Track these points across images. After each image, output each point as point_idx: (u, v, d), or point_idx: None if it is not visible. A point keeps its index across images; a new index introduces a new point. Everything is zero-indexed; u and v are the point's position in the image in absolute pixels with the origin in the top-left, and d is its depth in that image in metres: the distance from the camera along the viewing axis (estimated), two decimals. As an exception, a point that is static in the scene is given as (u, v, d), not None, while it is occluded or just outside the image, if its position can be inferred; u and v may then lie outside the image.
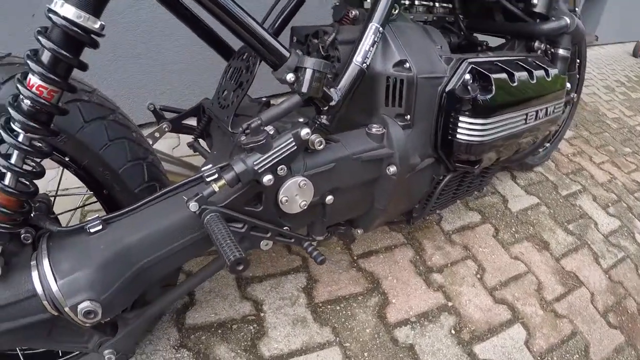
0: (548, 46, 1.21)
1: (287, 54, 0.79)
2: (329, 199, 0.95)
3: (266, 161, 0.77)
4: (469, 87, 0.96)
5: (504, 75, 1.00)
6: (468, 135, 1.00)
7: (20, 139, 0.66)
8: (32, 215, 0.75)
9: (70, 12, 0.62)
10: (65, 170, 0.86)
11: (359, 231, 1.14)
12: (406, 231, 1.47)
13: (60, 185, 0.96)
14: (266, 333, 1.18)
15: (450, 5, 1.24)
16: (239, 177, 0.76)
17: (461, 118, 0.99)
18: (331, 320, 1.21)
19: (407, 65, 0.93)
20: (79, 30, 0.64)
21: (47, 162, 0.74)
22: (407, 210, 1.19)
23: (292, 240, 0.91)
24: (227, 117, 0.97)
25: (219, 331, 1.18)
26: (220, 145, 1.10)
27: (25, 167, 0.68)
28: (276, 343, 1.16)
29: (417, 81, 0.94)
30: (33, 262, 0.73)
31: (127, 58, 1.72)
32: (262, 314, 1.22)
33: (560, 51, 1.21)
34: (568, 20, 1.15)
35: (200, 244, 0.84)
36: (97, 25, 0.65)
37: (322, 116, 0.87)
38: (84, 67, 0.69)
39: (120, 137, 0.84)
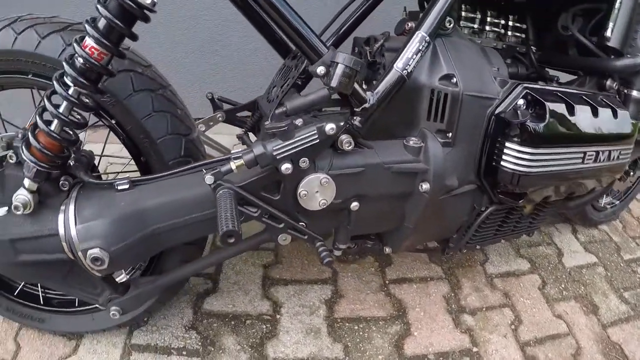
0: (621, 86, 1.09)
1: (324, 50, 0.79)
2: (355, 205, 0.91)
3: (286, 148, 0.77)
4: (519, 112, 0.88)
5: (561, 106, 0.91)
6: (514, 164, 0.91)
7: (70, 91, 0.73)
8: (71, 164, 0.82)
9: (125, -17, 0.68)
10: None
11: (387, 249, 1.08)
12: (447, 266, 1.37)
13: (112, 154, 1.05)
14: (277, 335, 1.16)
15: (523, 35, 1.17)
16: (256, 160, 0.77)
17: (508, 144, 0.91)
18: (345, 338, 1.16)
19: (454, 80, 0.88)
20: (132, 4, 0.70)
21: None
22: (442, 237, 1.11)
23: (306, 237, 0.89)
24: (270, 110, 0.99)
25: (232, 323, 1.18)
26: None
27: (70, 117, 0.75)
28: (284, 347, 1.13)
29: (463, 97, 0.89)
30: (62, 207, 0.80)
31: (203, 53, 1.83)
32: (278, 316, 1.21)
33: (634, 93, 1.07)
34: None
35: (213, 223, 0.85)
36: (148, 1, 0.71)
37: (355, 117, 0.86)
38: (134, 37, 0.75)
39: (164, 110, 0.89)
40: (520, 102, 0.91)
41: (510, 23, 1.13)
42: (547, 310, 1.24)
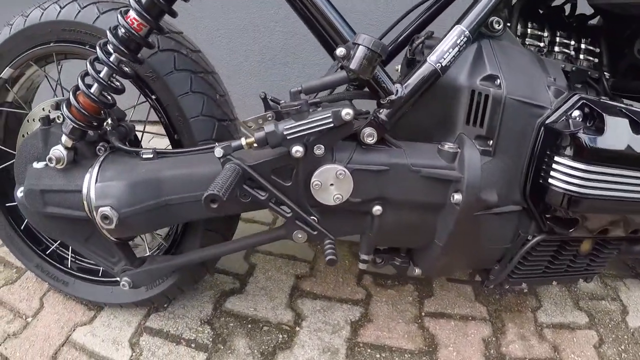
0: None
1: (350, 34, 0.76)
2: (377, 209, 0.84)
3: (297, 129, 0.73)
4: (571, 122, 0.76)
5: (624, 121, 0.77)
6: (564, 182, 0.78)
7: (111, 58, 0.78)
8: (108, 131, 0.87)
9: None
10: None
11: (416, 270, 0.97)
12: (493, 307, 1.19)
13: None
14: (291, 347, 1.08)
15: (596, 60, 1.03)
16: (266, 138, 0.74)
17: (558, 159, 0.78)
18: (363, 364, 1.04)
19: (498, 81, 0.79)
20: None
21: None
22: (481, 265, 0.97)
23: (315, 232, 0.83)
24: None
25: (249, 326, 1.13)
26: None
27: (109, 82, 0.80)
28: (295, 361, 1.04)
29: (506, 100, 0.78)
30: (91, 168, 0.84)
31: (274, 64, 1.88)
32: (297, 328, 1.13)
33: None
34: None
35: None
36: (186, -19, 0.74)
37: (381, 110, 0.80)
38: (173, 14, 0.79)
39: (201, 92, 0.92)
40: (576, 113, 0.79)
41: (583, 46, 1.00)
42: None
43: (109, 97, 0.83)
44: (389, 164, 0.81)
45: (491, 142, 0.81)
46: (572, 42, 0.99)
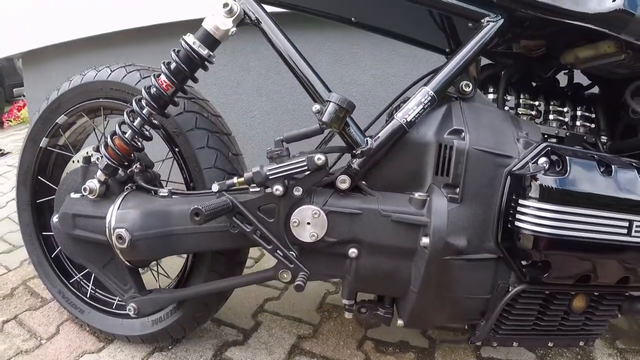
0: None
1: (326, 93, 0.91)
2: (352, 252, 0.91)
3: (277, 170, 0.87)
4: (530, 165, 0.82)
5: (592, 163, 0.81)
6: (532, 223, 0.81)
7: (144, 111, 0.99)
8: (135, 172, 1.06)
9: (190, 39, 0.96)
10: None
11: (399, 321, 0.99)
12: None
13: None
14: (280, 401, 1.09)
15: (593, 125, 1.09)
16: (253, 178, 0.88)
17: (522, 201, 0.83)
18: None
19: (462, 134, 0.88)
20: (195, 55, 0.96)
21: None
22: (463, 318, 0.96)
23: (292, 265, 0.91)
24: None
25: (244, 376, 1.16)
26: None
27: (141, 130, 1.00)
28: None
29: (469, 150, 0.86)
30: (116, 200, 1.02)
31: (306, 147, 2.06)
32: (291, 385, 1.14)
33: None
34: None
35: (220, 237, 0.96)
36: (204, 52, 0.96)
37: (354, 160, 0.91)
38: (195, 80, 1.01)
39: (215, 148, 1.10)
40: (542, 159, 0.85)
41: (579, 112, 1.08)
42: None
43: (139, 143, 1.03)
44: (361, 208, 0.90)
45: (457, 189, 0.88)
46: (567, 110, 1.07)
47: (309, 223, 0.90)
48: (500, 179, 0.88)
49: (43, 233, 1.33)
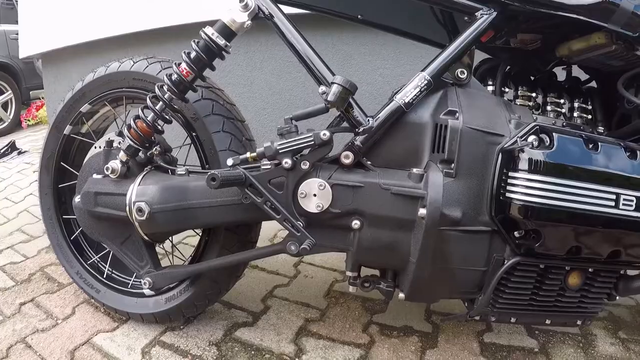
0: None
1: (330, 75, 1.02)
2: (355, 223, 1.01)
3: (286, 145, 0.97)
4: (518, 140, 0.90)
5: (578, 140, 0.90)
6: (523, 193, 0.90)
7: (165, 96, 1.10)
8: (155, 154, 1.17)
9: (209, 31, 1.08)
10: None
11: (400, 294, 1.07)
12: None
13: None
14: (287, 376, 1.16)
15: (590, 116, 1.17)
16: (264, 152, 0.98)
17: (514, 174, 0.91)
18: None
19: (457, 115, 0.98)
20: (212, 43, 1.08)
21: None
22: (460, 290, 1.04)
23: (299, 233, 1.00)
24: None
25: (252, 352, 1.25)
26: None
27: (162, 113, 1.12)
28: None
29: (463, 129, 0.96)
30: (136, 178, 1.13)
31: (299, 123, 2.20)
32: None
33: None
34: None
35: (232, 210, 1.06)
36: (222, 42, 1.08)
37: (357, 138, 1.01)
38: (212, 68, 1.13)
39: (230, 132, 1.21)
40: (531, 137, 0.94)
41: (576, 104, 1.17)
42: None
43: (160, 126, 1.14)
44: (363, 181, 1.00)
45: (452, 165, 0.98)
46: (564, 102, 1.16)
47: (315, 195, 0.99)
48: (493, 156, 0.97)
49: (63, 217, 1.45)
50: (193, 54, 1.10)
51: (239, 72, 2.21)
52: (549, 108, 1.16)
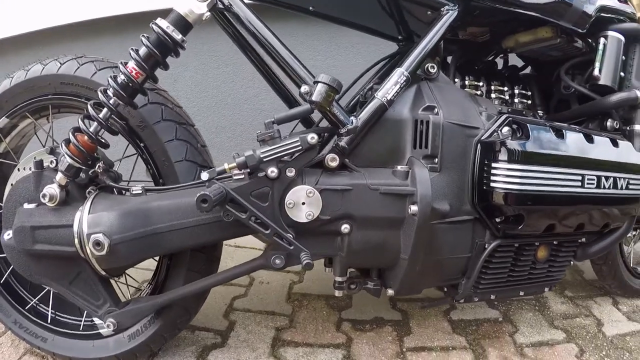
0: (623, 125, 1.09)
1: (310, 77, 0.94)
2: (345, 227, 0.94)
3: (271, 152, 0.87)
4: (504, 133, 0.93)
5: (547, 129, 0.95)
6: (505, 182, 0.92)
7: (111, 101, 0.91)
8: (99, 172, 0.98)
9: (163, 23, 0.91)
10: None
11: (389, 291, 1.04)
12: (472, 337, 1.24)
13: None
14: (276, 393, 1.07)
15: (529, 102, 1.25)
16: (246, 162, 0.87)
17: (495, 165, 0.93)
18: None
19: (436, 110, 0.97)
20: (165, 36, 0.91)
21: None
22: (447, 278, 1.05)
23: (291, 247, 0.91)
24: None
25: (230, 376, 1.13)
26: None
27: (107, 123, 0.92)
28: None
29: (444, 124, 0.95)
30: (81, 207, 0.92)
31: (244, 139, 2.07)
32: (282, 375, 1.14)
33: (636, 127, 1.07)
34: (638, 93, 1.04)
35: (209, 229, 0.92)
36: (178, 37, 0.92)
37: (341, 139, 0.95)
38: (166, 66, 0.96)
39: (184, 140, 1.05)
40: (505, 129, 0.96)
41: (516, 91, 1.23)
42: None
43: (104, 140, 0.95)
44: (351, 184, 0.94)
45: (436, 159, 0.96)
46: (506, 89, 1.21)
47: (304, 203, 0.91)
48: (471, 148, 0.98)
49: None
50: (143, 51, 0.92)
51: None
52: (493, 96, 1.21)
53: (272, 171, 0.87)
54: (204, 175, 0.87)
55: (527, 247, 1.05)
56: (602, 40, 1.08)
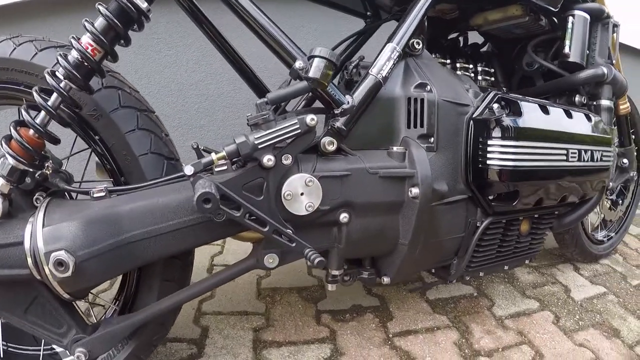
0: (589, 100, 1.14)
1: (300, 54, 0.83)
2: (344, 217, 0.86)
3: (267, 137, 0.75)
4: (495, 111, 0.90)
5: (533, 105, 0.94)
6: (500, 159, 0.90)
7: (62, 84, 0.73)
8: (48, 176, 0.78)
9: (126, -12, 0.74)
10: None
11: (384, 279, 0.98)
12: (452, 315, 1.23)
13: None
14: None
15: (493, 79, 1.25)
16: (238, 150, 0.74)
17: (491, 142, 0.91)
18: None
19: (429, 87, 0.91)
20: (130, 5, 0.74)
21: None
22: (441, 260, 1.02)
23: (293, 244, 0.81)
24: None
25: (216, 387, 1.00)
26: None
27: (58, 112, 0.74)
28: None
29: (439, 102, 0.91)
30: (32, 218, 0.73)
31: (190, 128, 1.88)
32: (272, 378, 1.03)
33: (602, 102, 1.13)
34: (605, 70, 1.10)
35: (193, 232, 0.78)
36: (144, 5, 0.76)
37: (336, 120, 0.85)
38: (128, 41, 0.79)
39: (147, 129, 0.88)
40: (495, 106, 0.94)
41: (479, 68, 1.21)
42: (567, 341, 1.11)
43: (53, 133, 0.76)
44: (349, 169, 0.85)
45: (432, 139, 0.91)
46: (471, 66, 1.19)
47: (302, 194, 0.81)
48: (462, 126, 0.95)
49: None
50: (101, 23, 0.74)
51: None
52: (459, 73, 1.19)
53: (269, 159, 0.76)
54: (188, 169, 0.73)
55: (514, 222, 1.05)
56: (570, 19, 1.11)
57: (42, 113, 0.73)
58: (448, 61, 1.17)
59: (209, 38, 1.04)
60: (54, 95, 0.72)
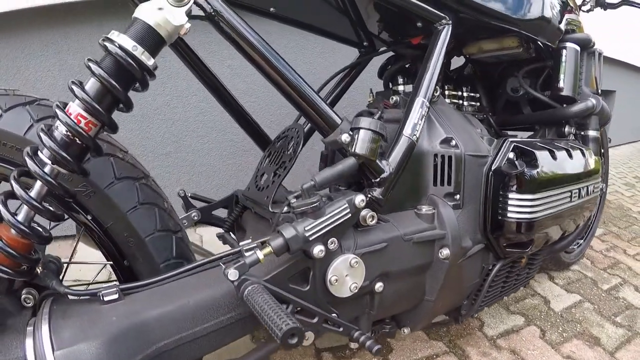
0: (578, 130, 1.18)
1: (339, 120, 0.72)
2: (379, 286, 0.78)
3: (319, 227, 0.64)
4: (516, 163, 0.87)
5: (545, 152, 0.93)
6: (518, 212, 0.88)
7: (46, 169, 0.54)
8: (39, 272, 0.58)
9: (126, 41, 0.55)
10: (83, 238, 0.71)
11: (405, 330, 0.93)
12: (447, 339, 1.24)
13: (75, 257, 0.79)
14: None
15: (478, 104, 1.22)
16: (287, 244, 0.62)
17: (510, 195, 0.88)
18: None
19: (454, 142, 0.85)
20: (132, 62, 0.56)
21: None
22: (455, 305, 1.00)
23: (341, 329, 0.72)
24: (267, 197, 0.84)
25: None
26: (254, 235, 0.95)
27: (44, 205, 0.55)
28: None
29: (465, 158, 0.85)
30: (30, 328, 0.56)
31: (156, 155, 1.65)
32: None
33: (590, 132, 1.17)
34: (594, 101, 1.13)
35: (235, 329, 0.66)
36: (150, 62, 0.58)
37: (373, 190, 0.76)
38: (129, 105, 0.60)
39: (151, 203, 0.71)
40: (511, 155, 0.91)
41: (465, 94, 1.17)
42: (555, 355, 1.17)
43: (43, 229, 0.56)
44: (387, 239, 0.78)
45: (458, 196, 0.87)
46: (459, 93, 1.14)
47: (347, 275, 0.71)
48: (482, 177, 0.90)
49: None
50: (93, 86, 0.55)
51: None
52: (447, 101, 1.14)
53: (321, 251, 0.64)
54: (233, 274, 0.58)
55: (518, 260, 1.05)
56: (563, 52, 1.10)
57: (25, 208, 0.53)
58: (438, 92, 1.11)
59: (204, 84, 0.87)
60: (37, 185, 0.53)
